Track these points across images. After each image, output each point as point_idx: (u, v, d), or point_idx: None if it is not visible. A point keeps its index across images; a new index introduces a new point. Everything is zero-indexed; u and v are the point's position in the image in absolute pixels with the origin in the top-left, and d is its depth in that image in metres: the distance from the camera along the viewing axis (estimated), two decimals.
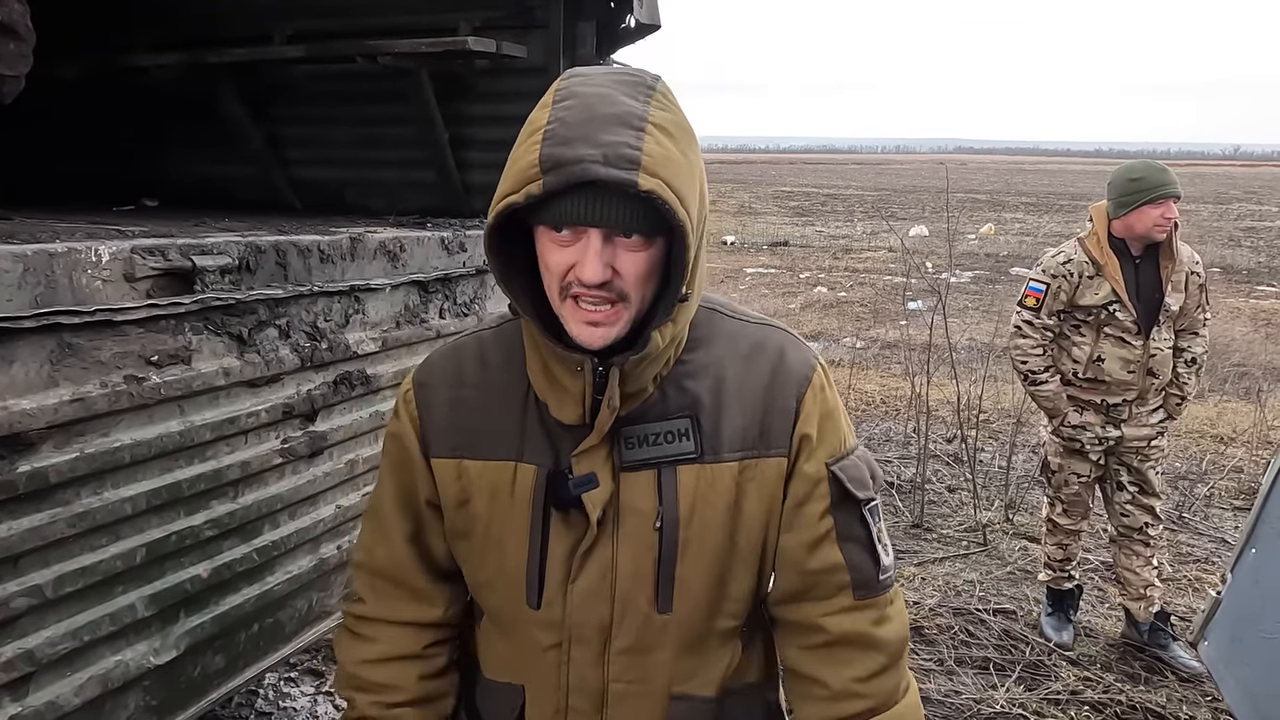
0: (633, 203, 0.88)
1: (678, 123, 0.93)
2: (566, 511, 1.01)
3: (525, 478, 1.03)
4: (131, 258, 1.40)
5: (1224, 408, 6.32)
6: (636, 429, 1.01)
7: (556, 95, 0.92)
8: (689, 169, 0.92)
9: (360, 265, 1.91)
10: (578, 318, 0.94)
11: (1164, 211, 2.90)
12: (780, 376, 1.04)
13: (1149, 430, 3.10)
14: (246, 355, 1.62)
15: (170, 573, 1.52)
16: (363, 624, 1.14)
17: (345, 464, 1.91)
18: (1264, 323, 10.40)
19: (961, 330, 7.93)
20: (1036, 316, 3.09)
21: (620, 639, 1.03)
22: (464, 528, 1.07)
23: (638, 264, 0.92)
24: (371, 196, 3.06)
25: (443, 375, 1.10)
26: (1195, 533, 4.22)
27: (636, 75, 0.95)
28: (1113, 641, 3.22)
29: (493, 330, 1.12)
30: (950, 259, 5.84)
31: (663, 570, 1.01)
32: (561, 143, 0.87)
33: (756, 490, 1.02)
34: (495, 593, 1.07)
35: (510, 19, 2.74)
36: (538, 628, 1.05)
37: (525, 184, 0.88)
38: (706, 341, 1.05)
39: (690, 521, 1.01)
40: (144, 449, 1.43)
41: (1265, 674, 1.79)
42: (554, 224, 0.91)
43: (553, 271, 0.94)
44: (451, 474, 1.07)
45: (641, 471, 1.01)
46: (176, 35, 3.03)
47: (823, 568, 1.05)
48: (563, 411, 1.01)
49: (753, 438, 1.02)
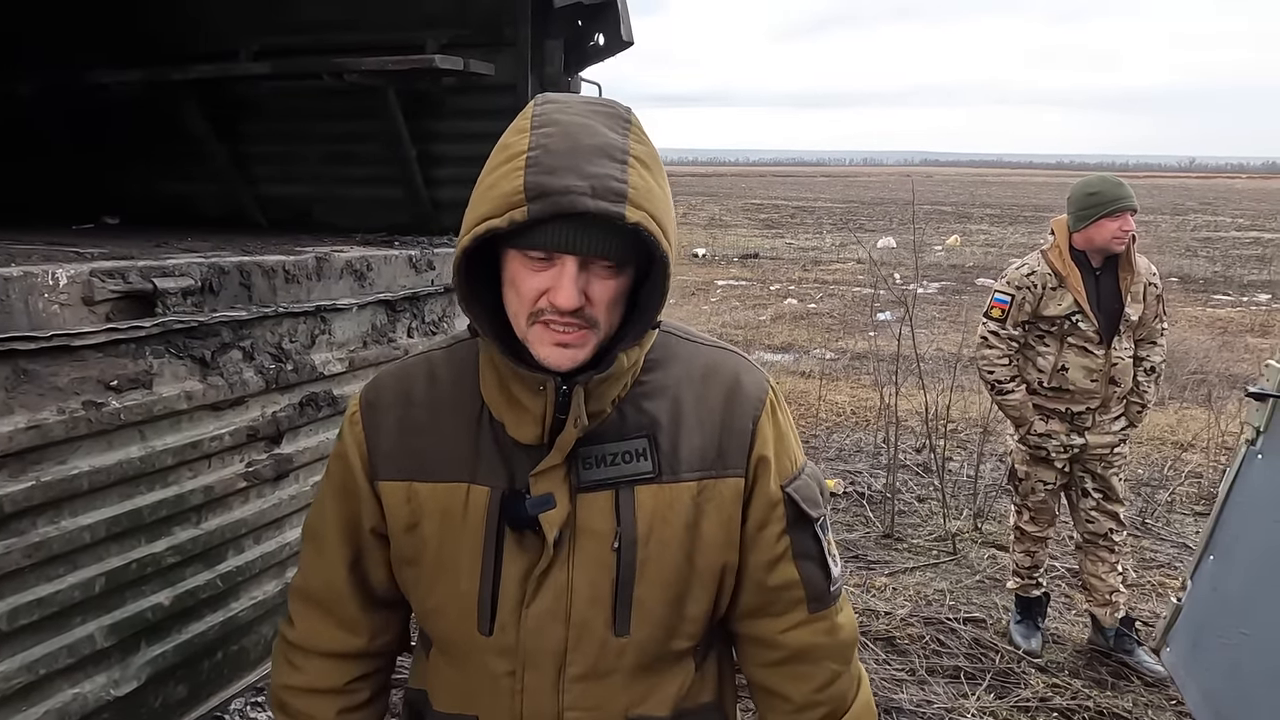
0: (613, 232, 0.89)
1: (652, 155, 0.95)
2: (521, 533, 1.00)
3: (478, 499, 1.01)
4: (90, 281, 1.37)
5: (1183, 414, 6.45)
6: (594, 449, 1.00)
7: (535, 121, 0.92)
8: (666, 201, 0.94)
9: (326, 285, 1.89)
10: (546, 339, 0.94)
11: (1121, 224, 2.97)
12: (736, 399, 1.05)
13: (1112, 437, 3.16)
14: (209, 378, 1.60)
15: (130, 601, 1.48)
16: (291, 650, 1.15)
17: (312, 486, 1.88)
18: (1220, 331, 10.65)
19: (929, 341, 8.04)
20: (1002, 327, 3.15)
21: (576, 664, 1.02)
22: (412, 553, 1.06)
23: (609, 291, 0.93)
24: (339, 214, 3.04)
25: (392, 396, 1.08)
26: (1158, 538, 4.30)
27: (610, 106, 0.96)
28: (1080, 648, 3.27)
29: (443, 350, 1.11)
30: (917, 270, 5.92)
31: (620, 592, 1.01)
32: (547, 171, 0.88)
33: (715, 510, 1.03)
34: (445, 619, 1.05)
35: (478, 37, 2.75)
36: (490, 655, 1.03)
37: (508, 209, 0.88)
38: (662, 363, 1.05)
39: (648, 541, 1.01)
40: (103, 476, 1.40)
41: (1225, 679, 1.82)
42: (531, 248, 0.91)
43: (524, 296, 0.93)
44: (400, 497, 1.05)
45: (599, 492, 1.00)
46: (139, 51, 2.99)
47: (780, 584, 1.07)
48: (520, 431, 1.00)
49: (710, 458, 1.03)
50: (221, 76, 2.88)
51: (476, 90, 2.77)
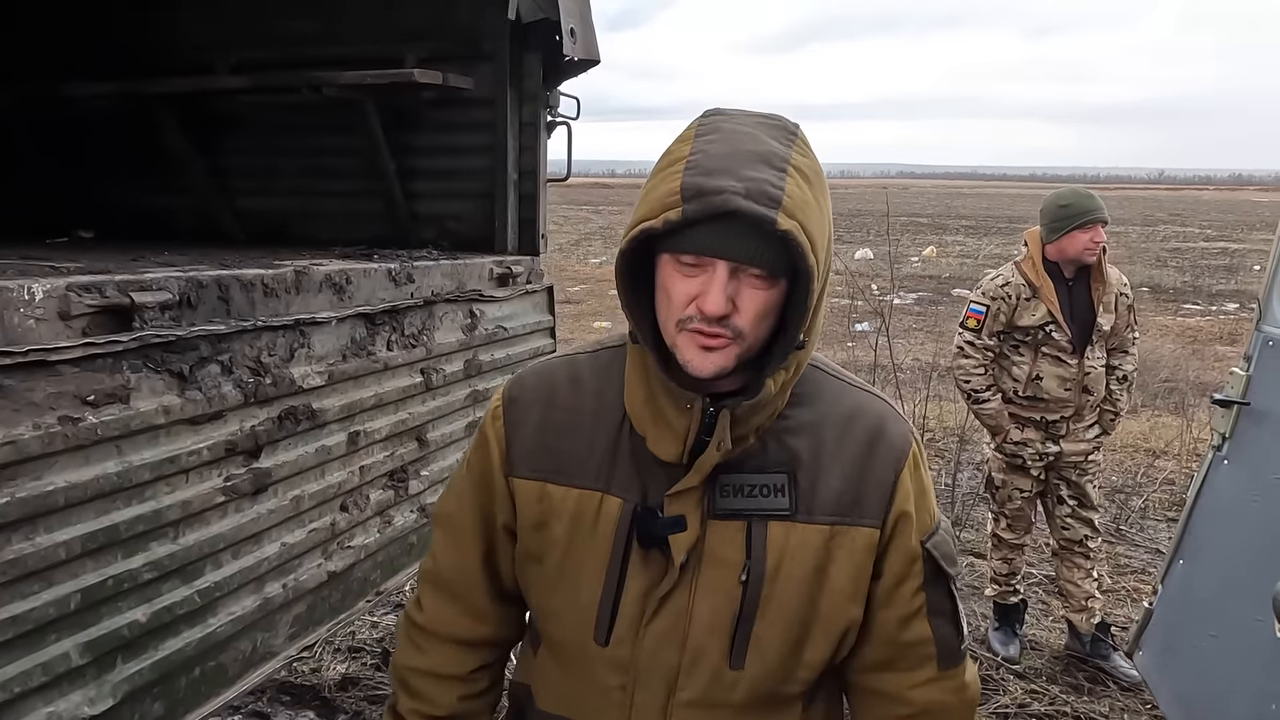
0: (765, 240, 0.88)
1: (816, 170, 0.94)
2: (648, 550, 1.00)
3: (610, 510, 1.01)
4: (67, 295, 1.37)
5: (1155, 422, 6.56)
6: (733, 478, 0.99)
7: (700, 129, 0.93)
8: (821, 216, 0.92)
9: (305, 298, 1.89)
10: (692, 342, 0.93)
11: (1093, 236, 3.03)
12: (879, 447, 1.02)
13: (1086, 445, 3.21)
14: (187, 392, 1.59)
15: (107, 618, 1.46)
16: (417, 632, 1.16)
17: (291, 500, 1.87)
18: (1190, 339, 10.85)
19: (906, 351, 8.11)
20: (978, 337, 3.19)
21: (687, 690, 1.01)
22: (538, 552, 1.06)
23: (759, 302, 0.91)
24: (318, 227, 3.03)
25: (535, 394, 1.08)
26: (1132, 544, 4.36)
27: (779, 120, 0.96)
28: (1057, 654, 3.31)
29: (587, 355, 1.11)
30: (894, 281, 5.98)
31: (740, 625, 0.99)
32: (704, 173, 0.88)
33: (846, 558, 1.01)
34: (561, 623, 1.06)
35: (457, 51, 2.76)
36: (602, 665, 1.03)
37: (664, 210, 0.89)
38: (809, 399, 1.03)
39: (775, 579, 0.99)
40: (79, 491, 1.39)
41: (1196, 682, 1.85)
42: (684, 252, 0.91)
43: (674, 300, 0.92)
44: (533, 495, 1.05)
45: (731, 521, 0.99)
46: (115, 64, 2.98)
47: (912, 641, 1.06)
48: (661, 447, 0.98)
49: (846, 504, 1.00)
50: (199, 90, 2.87)
51: (455, 104, 2.79)
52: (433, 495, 2.37)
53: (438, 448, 2.38)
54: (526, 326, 2.73)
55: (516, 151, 2.76)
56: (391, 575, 2.25)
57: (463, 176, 2.82)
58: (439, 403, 2.37)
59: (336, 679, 2.92)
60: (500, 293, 2.59)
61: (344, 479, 2.03)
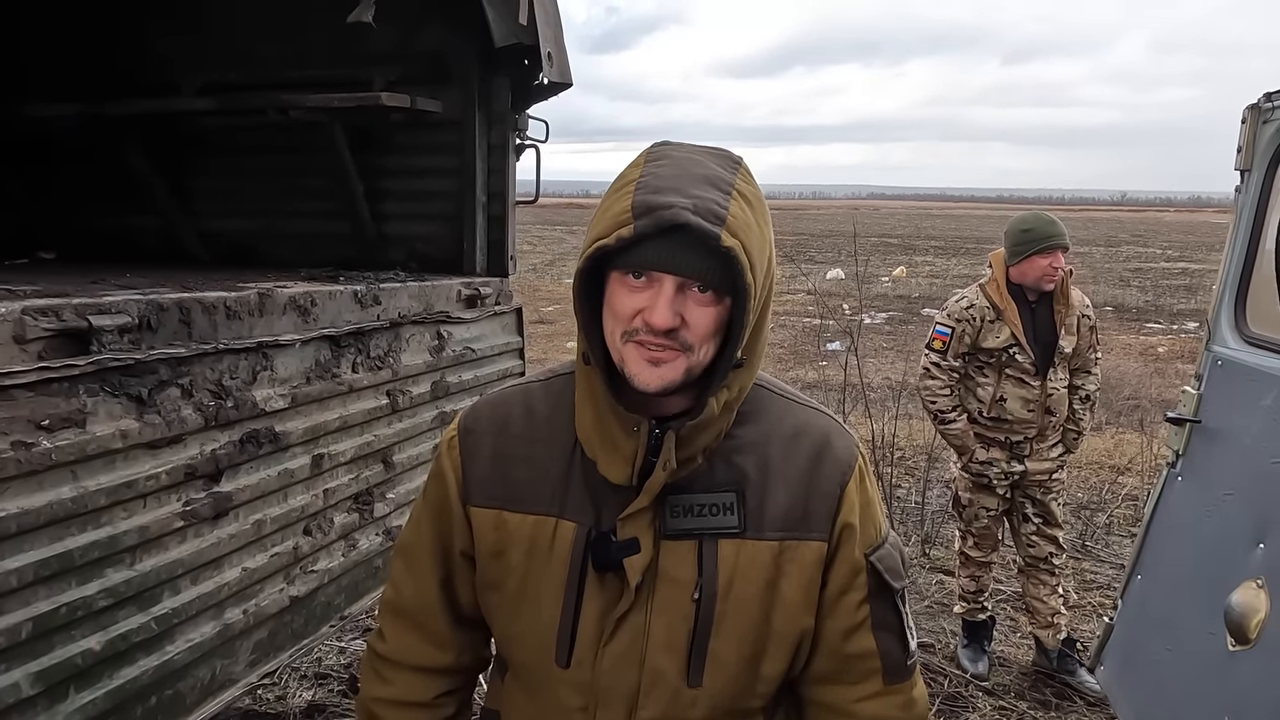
0: (710, 256, 0.91)
1: (758, 196, 0.98)
2: (603, 573, 1.01)
3: (565, 534, 1.03)
4: (22, 319, 1.35)
5: (1119, 439, 6.67)
6: (683, 498, 1.01)
7: (649, 156, 0.98)
8: (762, 239, 0.96)
9: (269, 321, 1.88)
10: (639, 356, 0.95)
11: (1052, 261, 3.08)
12: (824, 462, 1.04)
13: (1050, 464, 3.26)
14: (146, 416, 1.57)
15: (59, 646, 1.44)
16: (380, 663, 1.16)
17: (252, 524, 1.85)
18: (1153, 358, 11.06)
19: (877, 370, 8.20)
20: (943, 359, 3.24)
21: (647, 709, 1.02)
22: (497, 579, 1.07)
23: (705, 318, 0.94)
24: (285, 249, 3.02)
25: (489, 423, 1.10)
26: (1097, 560, 4.42)
27: (723, 151, 1.01)
28: (1025, 670, 3.33)
29: (540, 383, 1.13)
30: (862, 301, 6.05)
31: (696, 642, 1.01)
32: (654, 191, 0.92)
33: (797, 572, 1.03)
34: (524, 647, 1.07)
35: (425, 74, 2.78)
36: (565, 688, 1.04)
37: (617, 227, 0.92)
38: (755, 418, 1.05)
39: (727, 595, 1.01)
40: (32, 518, 1.37)
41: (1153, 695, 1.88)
42: (632, 268, 0.93)
43: (620, 314, 0.95)
44: (490, 523, 1.07)
45: (683, 541, 1.01)
46: (78, 84, 2.95)
47: (857, 653, 1.07)
48: (611, 470, 1.00)
49: (794, 519, 1.02)
50: (164, 111, 2.85)
51: (423, 126, 2.80)
52: (399, 518, 2.35)
53: (404, 470, 2.36)
54: (495, 348, 2.73)
55: (485, 174, 2.77)
56: (356, 599, 2.23)
57: (431, 198, 2.83)
58: (405, 425, 2.35)
59: (303, 706, 2.86)
60: (468, 314, 2.59)
61: (307, 502, 2.01)
